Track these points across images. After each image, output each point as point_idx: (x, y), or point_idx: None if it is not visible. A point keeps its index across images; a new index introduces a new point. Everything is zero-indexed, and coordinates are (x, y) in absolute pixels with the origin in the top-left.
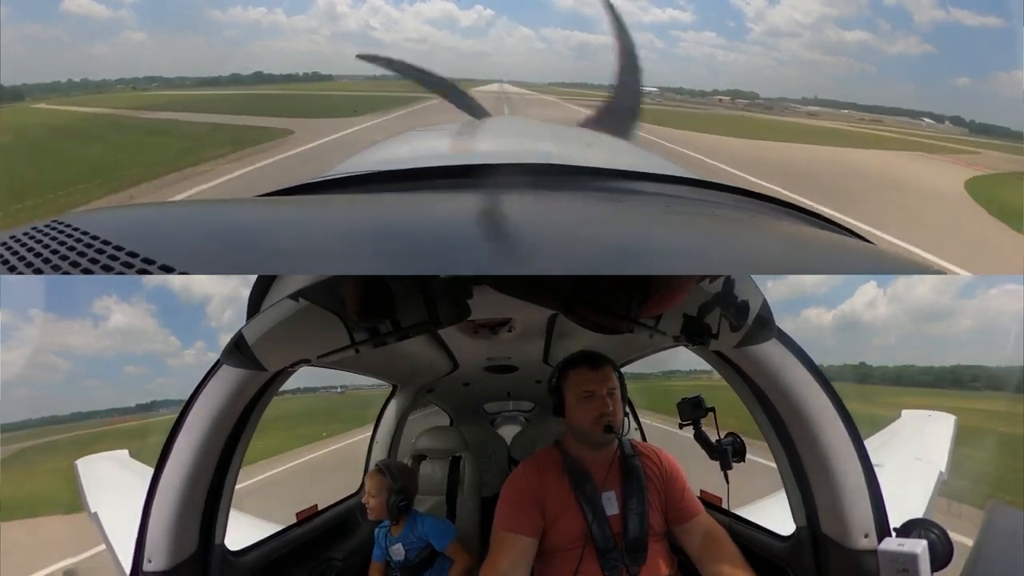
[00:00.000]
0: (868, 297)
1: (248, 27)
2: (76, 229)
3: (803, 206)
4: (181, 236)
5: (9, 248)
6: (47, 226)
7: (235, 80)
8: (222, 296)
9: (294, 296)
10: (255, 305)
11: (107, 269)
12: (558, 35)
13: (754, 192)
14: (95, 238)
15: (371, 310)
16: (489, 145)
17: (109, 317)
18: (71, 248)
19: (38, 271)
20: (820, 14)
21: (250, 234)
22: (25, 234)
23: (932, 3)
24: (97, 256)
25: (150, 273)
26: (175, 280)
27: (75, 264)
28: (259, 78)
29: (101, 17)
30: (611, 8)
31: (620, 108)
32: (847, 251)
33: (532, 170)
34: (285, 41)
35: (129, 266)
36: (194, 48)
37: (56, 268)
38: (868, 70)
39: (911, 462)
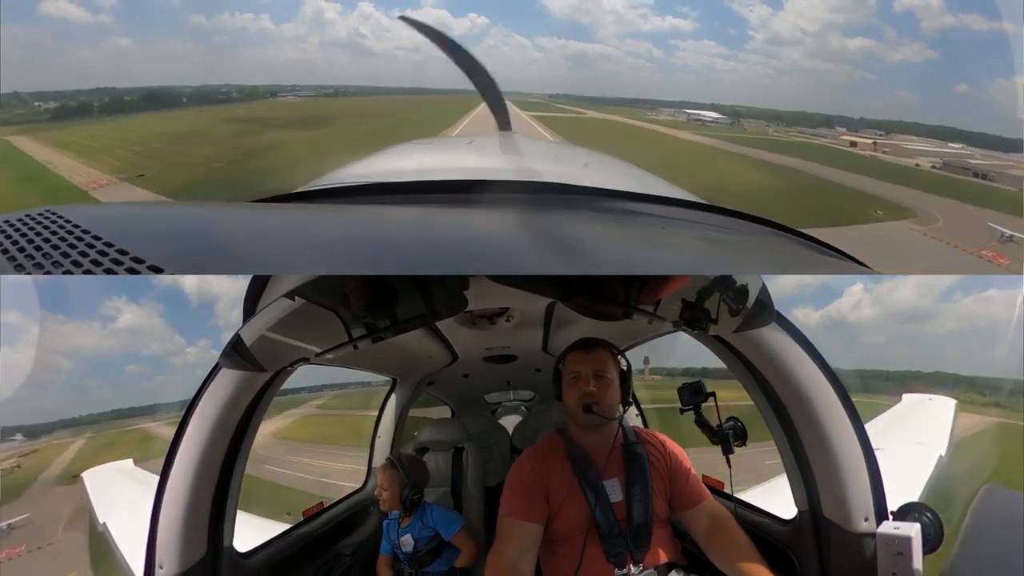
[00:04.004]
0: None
1: (235, 34)
2: (68, 221)
3: (797, 229)
4: (171, 237)
5: (1, 231)
6: (40, 215)
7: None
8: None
9: (290, 295)
10: (251, 306)
11: (96, 264)
12: (554, 44)
13: (750, 215)
14: (86, 232)
15: (368, 305)
16: (490, 162)
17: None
18: (62, 239)
19: (29, 256)
20: (826, 21)
21: (244, 239)
22: (19, 219)
23: (942, 8)
24: (87, 250)
25: (138, 272)
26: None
27: (65, 255)
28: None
29: (80, 21)
30: (431, 30)
31: (495, 108)
32: (832, 268)
33: (531, 188)
34: (275, 49)
35: (118, 263)
36: (181, 55)
37: (47, 256)
38: (869, 78)
39: (911, 445)
